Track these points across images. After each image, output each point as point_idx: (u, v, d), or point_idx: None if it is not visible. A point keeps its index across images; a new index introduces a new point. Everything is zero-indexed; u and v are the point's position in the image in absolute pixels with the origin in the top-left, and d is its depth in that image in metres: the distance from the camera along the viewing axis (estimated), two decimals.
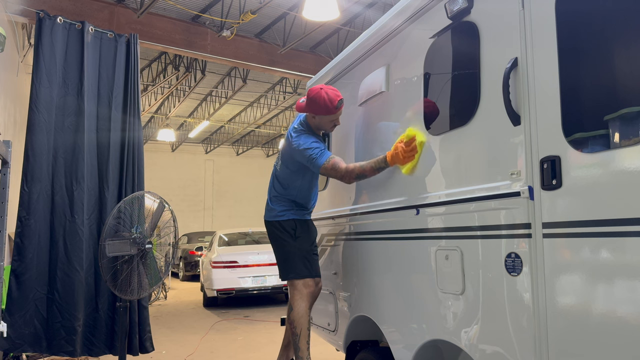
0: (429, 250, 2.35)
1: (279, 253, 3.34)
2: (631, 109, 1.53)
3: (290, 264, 3.26)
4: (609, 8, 1.67)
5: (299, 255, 3.24)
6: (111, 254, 4.07)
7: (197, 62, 12.62)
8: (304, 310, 3.17)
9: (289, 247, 3.26)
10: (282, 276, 3.32)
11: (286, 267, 3.28)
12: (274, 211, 3.33)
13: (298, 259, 3.24)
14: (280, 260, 3.33)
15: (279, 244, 3.33)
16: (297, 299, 3.18)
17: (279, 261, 3.35)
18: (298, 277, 3.22)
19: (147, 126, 18.96)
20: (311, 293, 3.22)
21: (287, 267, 3.27)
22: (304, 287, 3.21)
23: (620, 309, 1.50)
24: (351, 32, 9.87)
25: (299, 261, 3.23)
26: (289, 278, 3.26)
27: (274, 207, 3.33)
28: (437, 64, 2.42)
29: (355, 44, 3.34)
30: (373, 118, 3.03)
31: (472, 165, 2.13)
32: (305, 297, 3.19)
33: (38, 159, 4.51)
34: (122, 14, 8.58)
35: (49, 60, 4.62)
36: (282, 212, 3.30)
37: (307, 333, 3.16)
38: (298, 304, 3.17)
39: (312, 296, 3.23)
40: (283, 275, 3.32)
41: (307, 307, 3.19)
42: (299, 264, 3.23)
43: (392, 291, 2.68)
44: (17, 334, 4.31)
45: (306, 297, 3.19)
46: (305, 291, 3.20)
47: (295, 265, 3.23)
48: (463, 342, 2.12)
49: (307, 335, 3.16)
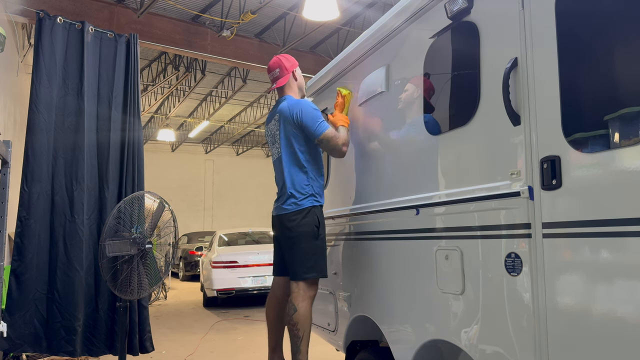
0: (429, 250, 2.35)
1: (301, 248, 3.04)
2: (631, 109, 1.53)
3: (313, 260, 3.02)
4: (609, 8, 1.67)
5: (321, 250, 3.06)
6: (111, 254, 4.07)
7: (197, 62, 12.62)
8: (309, 311, 3.02)
9: (313, 241, 3.03)
10: (301, 275, 3.02)
11: (308, 264, 3.01)
12: (291, 200, 3.08)
13: (320, 255, 3.06)
14: (301, 256, 3.04)
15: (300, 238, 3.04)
16: (302, 300, 3.00)
17: (300, 257, 3.04)
18: (321, 275, 3.03)
19: (147, 126, 18.96)
20: (314, 295, 3.08)
21: (309, 265, 3.01)
22: (313, 288, 3.06)
23: (620, 309, 1.50)
24: (351, 32, 9.87)
25: (321, 258, 3.06)
26: (310, 277, 3.01)
27: (289, 198, 3.09)
28: (437, 64, 2.42)
29: (355, 44, 3.34)
30: (373, 118, 3.03)
31: (472, 165, 2.13)
32: (310, 299, 3.04)
33: (38, 159, 4.50)
34: (122, 14, 8.59)
35: (49, 60, 4.62)
36: (302, 201, 3.07)
37: (309, 336, 3.02)
38: (303, 304, 3.00)
39: (314, 298, 3.09)
40: (302, 273, 3.01)
41: (311, 309, 3.05)
42: (321, 261, 3.05)
43: (392, 291, 2.68)
44: (17, 334, 4.30)
45: (310, 298, 3.04)
46: (312, 292, 3.05)
47: (318, 262, 3.03)
48: (463, 342, 2.12)
49: (308, 338, 3.02)
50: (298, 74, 3.39)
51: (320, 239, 3.08)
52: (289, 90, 3.34)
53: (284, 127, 3.16)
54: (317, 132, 3.07)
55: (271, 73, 3.37)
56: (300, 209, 3.06)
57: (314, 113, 3.11)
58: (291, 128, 3.13)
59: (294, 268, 3.06)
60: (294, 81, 3.36)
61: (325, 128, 3.07)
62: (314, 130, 3.07)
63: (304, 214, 3.05)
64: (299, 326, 2.98)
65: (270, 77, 3.38)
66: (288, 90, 3.34)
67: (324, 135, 3.06)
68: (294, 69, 3.36)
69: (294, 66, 3.37)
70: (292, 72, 3.35)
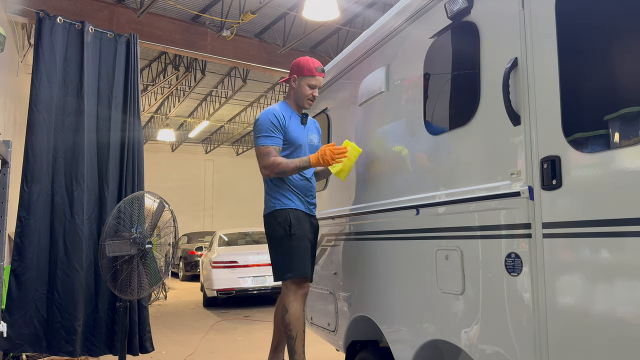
0: (429, 250, 2.35)
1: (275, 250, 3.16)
2: (631, 109, 1.53)
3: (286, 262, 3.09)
4: (609, 8, 1.67)
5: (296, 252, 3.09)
6: (111, 254, 4.07)
7: (197, 62, 12.62)
8: (300, 311, 3.06)
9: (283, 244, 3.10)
10: (277, 276, 3.14)
11: (282, 266, 3.11)
12: (268, 203, 3.19)
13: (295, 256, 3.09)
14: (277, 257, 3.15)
15: (273, 240, 3.15)
16: (292, 300, 3.06)
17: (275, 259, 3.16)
18: (295, 276, 3.07)
19: (147, 126, 18.96)
20: (305, 294, 3.12)
21: (284, 266, 3.10)
22: (299, 288, 3.09)
23: (620, 309, 1.50)
24: (351, 32, 9.87)
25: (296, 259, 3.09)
26: (285, 278, 3.09)
27: (267, 199, 3.20)
28: (437, 64, 2.42)
29: (355, 44, 3.34)
30: (373, 118, 3.03)
31: (472, 165, 2.13)
32: (300, 298, 3.08)
33: (38, 159, 4.50)
34: (122, 14, 8.59)
35: (49, 60, 4.61)
36: (274, 202, 3.15)
37: (302, 336, 3.06)
38: (293, 305, 3.05)
39: (305, 297, 3.13)
40: (278, 275, 3.13)
41: (302, 309, 3.08)
42: (295, 262, 3.08)
43: (392, 291, 2.68)
44: (17, 334, 4.30)
45: (301, 297, 3.08)
46: (300, 292, 3.08)
47: (292, 263, 3.08)
48: (463, 342, 2.12)
49: (302, 338, 3.05)
50: (300, 83, 3.22)
51: (294, 238, 3.10)
52: (287, 95, 3.33)
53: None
54: (254, 144, 3.15)
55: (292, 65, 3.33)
56: (270, 212, 3.17)
57: (260, 126, 3.14)
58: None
59: (273, 269, 3.19)
60: (291, 88, 3.27)
61: (260, 143, 3.09)
62: (254, 141, 3.16)
63: (274, 213, 3.15)
64: (291, 327, 3.03)
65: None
66: (287, 95, 3.34)
67: (257, 149, 3.12)
68: (295, 76, 3.24)
69: (299, 73, 3.22)
70: (291, 79, 3.25)
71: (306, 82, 3.20)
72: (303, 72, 3.20)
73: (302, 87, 3.22)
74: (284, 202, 3.14)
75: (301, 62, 3.23)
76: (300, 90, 3.22)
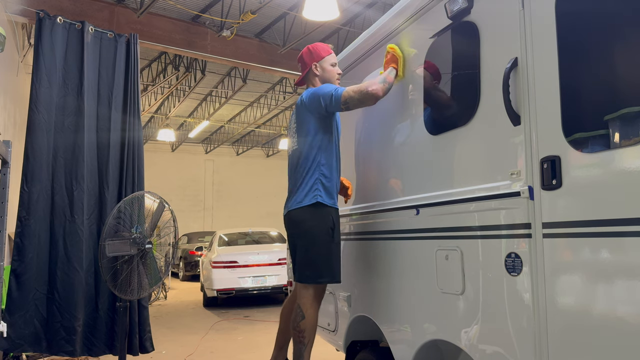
0: (429, 250, 2.35)
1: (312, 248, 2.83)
2: (631, 109, 1.53)
3: (325, 263, 2.83)
4: (609, 8, 1.67)
5: (336, 253, 2.85)
6: (111, 254, 4.07)
7: (197, 62, 12.62)
8: (316, 319, 2.88)
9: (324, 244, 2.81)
10: (312, 278, 2.83)
11: (318, 267, 2.82)
12: (307, 193, 2.85)
13: (335, 258, 2.85)
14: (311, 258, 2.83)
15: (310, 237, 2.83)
16: (310, 306, 2.84)
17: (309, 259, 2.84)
18: (330, 282, 2.83)
19: (147, 126, 18.96)
20: (321, 300, 2.94)
21: (320, 268, 2.82)
22: (321, 294, 2.89)
23: (620, 309, 1.50)
24: (351, 32, 9.87)
25: (336, 261, 2.86)
26: (319, 282, 2.83)
27: (305, 190, 2.86)
28: (437, 64, 2.43)
29: (355, 44, 3.34)
30: (373, 118, 3.03)
31: (472, 165, 2.13)
32: (318, 305, 2.90)
33: (38, 159, 4.50)
34: (122, 14, 8.58)
35: (49, 60, 4.62)
36: (316, 194, 2.83)
37: (312, 343, 2.90)
38: (310, 311, 2.84)
39: (320, 303, 2.95)
40: (313, 276, 2.82)
41: (317, 315, 2.91)
42: (336, 265, 2.85)
43: (392, 291, 2.67)
44: (17, 334, 4.30)
45: (318, 304, 2.90)
46: (319, 298, 2.90)
47: (332, 265, 2.83)
48: (463, 342, 2.12)
49: (312, 345, 2.89)
50: (324, 66, 3.04)
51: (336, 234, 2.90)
52: (312, 86, 3.08)
53: (300, 110, 2.98)
54: (337, 101, 2.75)
55: (299, 60, 3.15)
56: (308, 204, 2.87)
57: (325, 87, 2.85)
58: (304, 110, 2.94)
59: (302, 269, 2.90)
60: (315, 76, 3.06)
61: (341, 91, 2.75)
62: (334, 101, 2.76)
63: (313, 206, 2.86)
64: (305, 334, 2.84)
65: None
66: (310, 85, 3.11)
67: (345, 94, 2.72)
68: (315, 62, 3.04)
69: (317, 58, 3.04)
70: (312, 66, 3.05)
71: (328, 63, 3.06)
72: (321, 55, 3.05)
73: (327, 69, 3.05)
74: (328, 199, 2.87)
75: (311, 48, 3.08)
76: (327, 73, 3.05)
